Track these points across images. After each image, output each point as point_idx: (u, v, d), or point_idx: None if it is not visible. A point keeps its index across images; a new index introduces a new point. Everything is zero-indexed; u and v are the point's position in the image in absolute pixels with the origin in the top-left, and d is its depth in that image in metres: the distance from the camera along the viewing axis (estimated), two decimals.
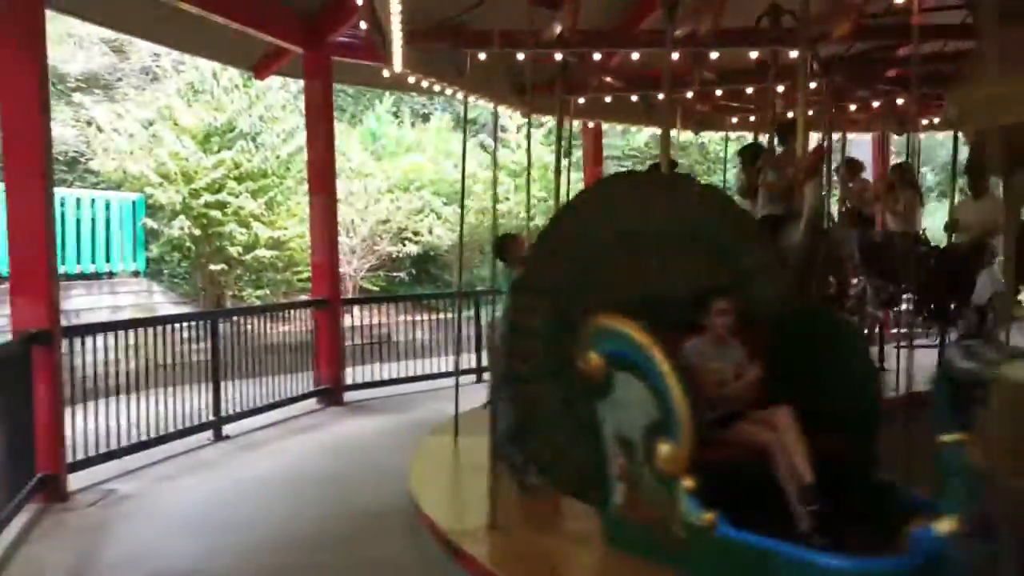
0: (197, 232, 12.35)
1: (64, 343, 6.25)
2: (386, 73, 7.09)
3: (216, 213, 12.40)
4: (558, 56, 7.16)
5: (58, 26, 12.86)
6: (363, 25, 6.37)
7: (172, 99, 13.43)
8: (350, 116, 18.76)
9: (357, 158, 15.59)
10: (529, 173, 9.05)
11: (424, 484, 5.65)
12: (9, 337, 6.00)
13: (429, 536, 4.93)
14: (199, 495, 6.13)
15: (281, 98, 14.26)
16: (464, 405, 6.91)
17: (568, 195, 8.07)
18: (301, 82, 11.29)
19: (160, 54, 15.27)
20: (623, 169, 18.64)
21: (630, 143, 18.73)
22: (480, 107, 15.74)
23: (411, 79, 7.32)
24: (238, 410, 8.20)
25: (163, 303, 12.30)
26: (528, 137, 8.54)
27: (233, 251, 12.63)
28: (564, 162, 9.46)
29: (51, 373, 5.94)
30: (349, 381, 9.71)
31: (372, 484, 6.23)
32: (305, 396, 9.13)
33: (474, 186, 15.40)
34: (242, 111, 13.24)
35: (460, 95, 8.13)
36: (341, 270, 11.40)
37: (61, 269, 8.95)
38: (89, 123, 13.86)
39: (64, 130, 13.48)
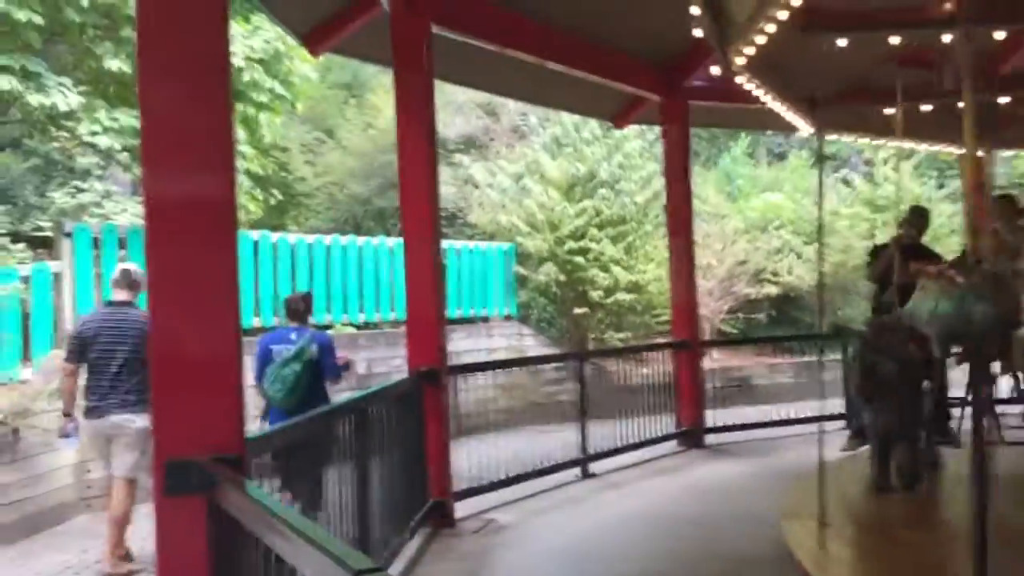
0: (562, 278, 13.00)
1: (450, 380, 6.87)
2: (801, 127, 7.12)
3: (579, 259, 12.98)
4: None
5: (440, 94, 14.29)
6: (714, 70, 6.42)
7: (538, 154, 14.33)
8: (704, 159, 18.86)
9: (712, 200, 15.61)
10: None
11: (799, 532, 5.45)
12: (404, 375, 6.73)
13: None
14: (570, 529, 6.39)
15: (638, 146, 14.67)
16: (831, 452, 6.58)
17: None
18: (657, 129, 11.59)
19: (527, 113, 16.45)
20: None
21: (1017, 169, 16.93)
22: (840, 142, 15.08)
23: (833, 136, 7.38)
24: (603, 449, 8.46)
25: (532, 345, 13.04)
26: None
27: (595, 295, 13.11)
28: (940, 193, 8.81)
29: (439, 407, 6.53)
30: (709, 424, 9.65)
31: (739, 528, 6.11)
32: (666, 438, 9.20)
33: (836, 223, 14.76)
34: (602, 160, 13.79)
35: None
36: (699, 312, 11.39)
37: None
38: (466, 181, 15.22)
39: (446, 188, 14.89)
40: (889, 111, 7.00)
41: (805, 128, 7.85)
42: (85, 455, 7.94)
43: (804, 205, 15.48)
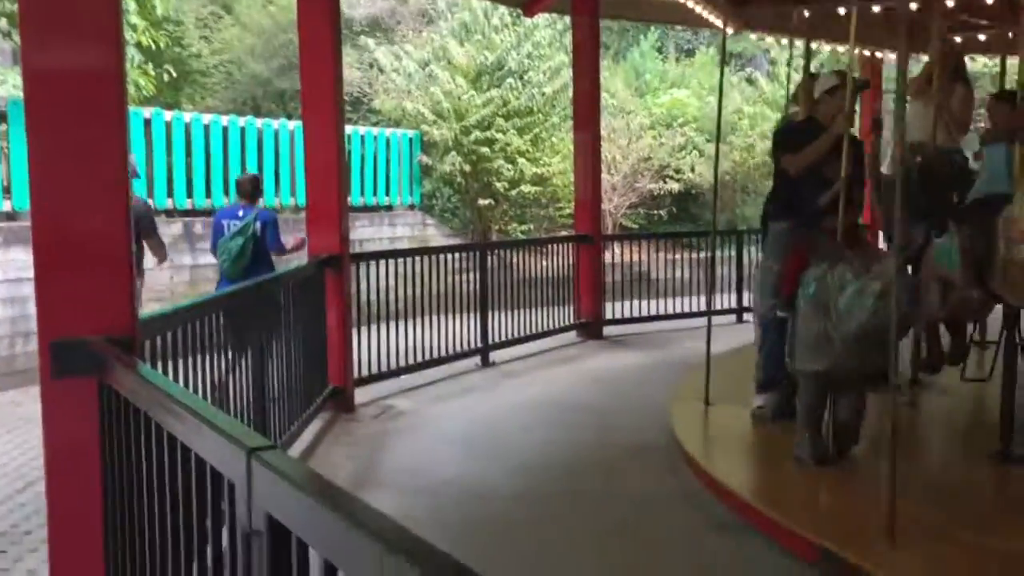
0: (467, 168, 12.90)
1: (351, 269, 6.83)
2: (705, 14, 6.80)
3: (485, 149, 12.88)
4: None
5: None
6: None
7: (446, 40, 14.00)
8: (614, 53, 18.73)
9: (620, 94, 15.59)
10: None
11: (685, 420, 5.69)
12: (305, 261, 6.65)
13: (688, 471, 4.98)
14: (468, 416, 6.53)
15: (548, 36, 14.46)
16: (721, 345, 6.82)
17: None
18: (567, 19, 11.42)
19: None
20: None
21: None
22: (748, 41, 15.16)
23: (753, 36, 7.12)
24: (503, 339, 8.60)
25: (435, 235, 13.03)
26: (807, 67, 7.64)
27: (499, 186, 13.09)
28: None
29: (341, 295, 6.50)
30: (608, 316, 9.88)
31: (631, 417, 6.34)
32: (565, 329, 9.39)
33: (740, 121, 14.98)
34: (511, 49, 13.57)
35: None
36: (602, 207, 11.50)
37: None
38: (371, 65, 14.79)
39: (350, 72, 14.44)
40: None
41: (716, 23, 7.75)
42: None
43: (709, 103, 15.60)
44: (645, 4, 9.32)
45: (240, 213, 6.60)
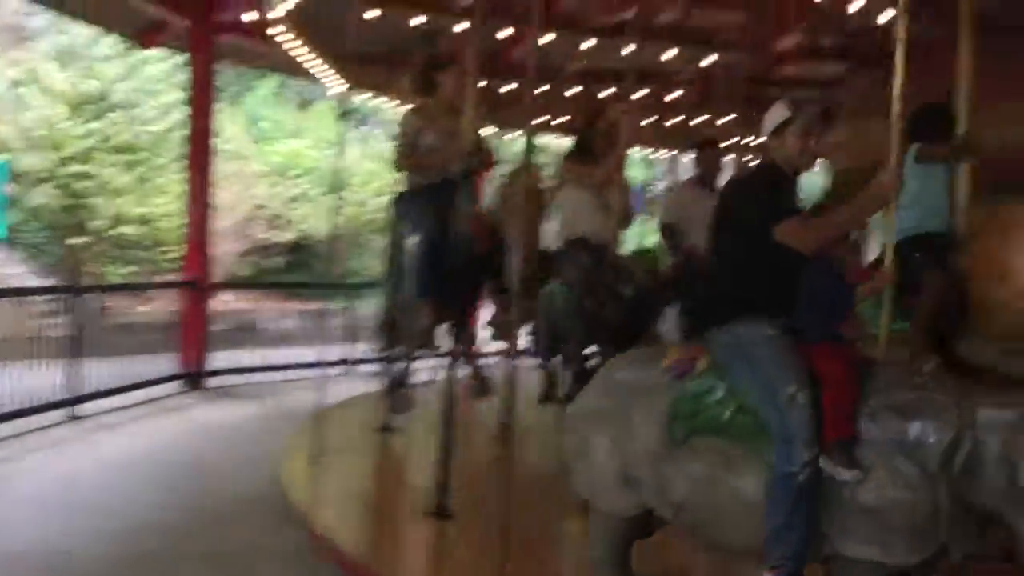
0: (62, 202, 11.93)
1: None
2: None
3: (83, 184, 12.01)
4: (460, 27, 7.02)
5: None
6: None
7: (42, 62, 12.88)
8: (231, 97, 18.38)
9: (235, 140, 15.32)
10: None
11: (294, 473, 5.65)
12: None
13: (296, 526, 4.95)
14: (51, 475, 5.94)
15: (161, 70, 13.84)
16: (332, 397, 6.90)
17: None
18: (181, 56, 11.06)
19: (32, 13, 14.61)
20: None
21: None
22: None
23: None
24: (95, 389, 7.95)
25: (21, 273, 11.81)
26: None
27: (97, 224, 12.24)
28: None
29: None
30: (214, 366, 9.54)
31: (238, 471, 6.17)
32: (167, 379, 8.93)
33: (351, 178, 15.38)
34: (118, 81, 12.82)
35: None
36: (212, 253, 11.16)
37: None
38: None
39: None
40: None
41: (337, 84, 7.98)
42: None
43: (327, 155, 15.85)
44: (267, 52, 9.28)
45: None
